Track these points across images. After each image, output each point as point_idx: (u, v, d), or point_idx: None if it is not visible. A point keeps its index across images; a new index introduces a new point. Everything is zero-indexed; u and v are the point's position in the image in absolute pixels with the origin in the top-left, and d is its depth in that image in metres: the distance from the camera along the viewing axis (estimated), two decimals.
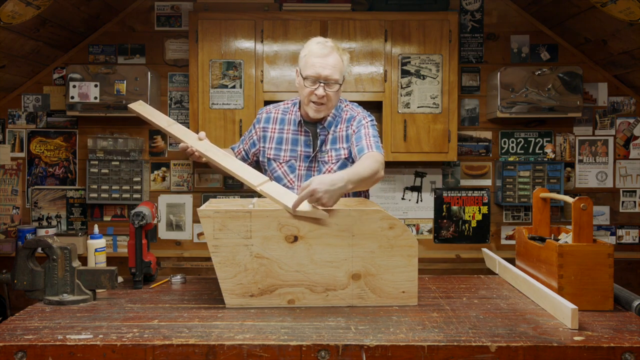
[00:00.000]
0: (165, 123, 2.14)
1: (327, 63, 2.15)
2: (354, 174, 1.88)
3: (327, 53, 2.16)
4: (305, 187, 1.76)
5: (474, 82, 4.06)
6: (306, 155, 2.27)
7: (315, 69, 2.15)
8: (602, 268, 1.73)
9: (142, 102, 2.22)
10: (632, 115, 4.05)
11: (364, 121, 2.24)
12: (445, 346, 1.44)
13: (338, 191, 1.78)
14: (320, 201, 1.75)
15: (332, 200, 1.77)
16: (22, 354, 1.44)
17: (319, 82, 2.15)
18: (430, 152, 3.77)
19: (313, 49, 2.18)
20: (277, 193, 1.85)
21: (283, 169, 2.29)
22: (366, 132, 2.20)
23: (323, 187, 1.75)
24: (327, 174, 1.82)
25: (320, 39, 2.21)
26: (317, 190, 1.74)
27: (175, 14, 4.05)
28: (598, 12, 3.27)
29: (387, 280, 1.79)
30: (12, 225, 4.04)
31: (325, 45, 2.17)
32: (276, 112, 2.35)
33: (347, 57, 2.24)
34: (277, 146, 2.30)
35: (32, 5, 3.05)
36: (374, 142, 2.16)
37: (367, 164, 2.01)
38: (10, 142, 4.07)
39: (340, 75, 2.19)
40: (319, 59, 2.15)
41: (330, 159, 2.26)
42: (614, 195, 4.08)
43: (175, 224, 4.09)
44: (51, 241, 1.82)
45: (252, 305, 1.78)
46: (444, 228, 4.09)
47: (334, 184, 1.77)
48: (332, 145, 2.26)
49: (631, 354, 1.43)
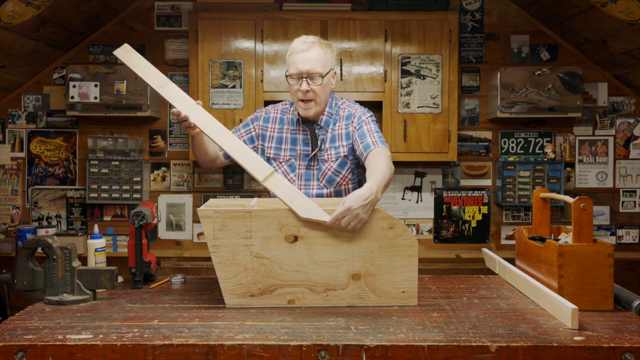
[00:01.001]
0: (157, 82, 1.95)
1: (308, 57, 2.15)
2: (380, 180, 1.85)
3: (306, 48, 2.16)
4: (341, 206, 1.74)
5: (474, 82, 4.06)
6: (305, 154, 2.26)
7: (297, 65, 2.16)
8: (602, 268, 1.73)
9: (129, 47, 2.01)
10: (632, 115, 4.05)
11: (364, 117, 2.23)
12: (445, 346, 1.44)
13: (371, 203, 1.76)
14: (358, 217, 1.73)
15: (368, 212, 1.76)
16: (22, 354, 1.44)
17: (302, 77, 2.16)
18: (430, 152, 3.77)
19: (294, 47, 2.19)
20: (285, 193, 1.80)
21: (283, 168, 2.29)
22: (369, 127, 2.18)
23: (358, 204, 1.72)
24: (356, 190, 1.77)
25: (302, 37, 2.22)
26: (352, 208, 1.72)
27: (175, 14, 4.05)
28: (598, 12, 3.27)
29: (387, 280, 1.79)
30: (12, 225, 4.04)
31: (306, 41, 2.18)
32: (275, 112, 2.34)
33: (331, 50, 2.22)
34: (277, 145, 2.29)
35: (32, 5, 3.05)
36: (378, 138, 2.14)
37: (383, 165, 1.96)
38: (10, 142, 4.07)
39: (323, 68, 2.17)
40: (300, 54, 2.16)
41: (330, 157, 2.25)
42: (614, 195, 4.08)
43: (175, 224, 4.09)
44: (51, 241, 1.82)
45: (252, 306, 1.78)
46: (444, 228, 4.09)
47: (367, 198, 1.74)
48: (331, 144, 2.25)
49: (631, 354, 1.43)
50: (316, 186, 2.27)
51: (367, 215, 1.75)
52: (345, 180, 2.26)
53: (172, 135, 4.07)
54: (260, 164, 1.87)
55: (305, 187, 2.27)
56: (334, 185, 2.27)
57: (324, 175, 2.26)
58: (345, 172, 2.26)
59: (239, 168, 4.07)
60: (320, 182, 2.26)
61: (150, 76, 1.95)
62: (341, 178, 2.26)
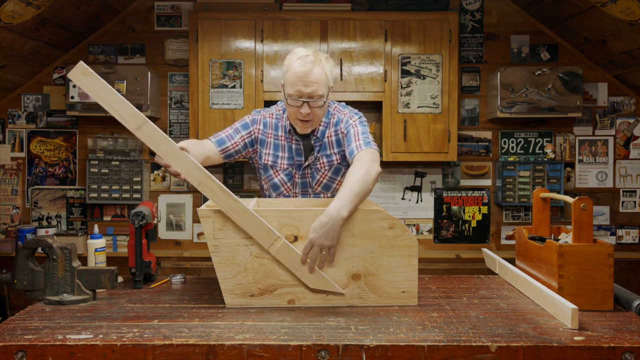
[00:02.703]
0: (133, 123, 1.65)
1: (310, 80, 2.07)
2: (345, 197, 1.78)
3: (308, 70, 2.06)
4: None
5: (474, 82, 4.06)
6: (299, 164, 2.24)
7: (297, 87, 2.08)
8: (602, 268, 1.73)
9: (86, 67, 1.64)
10: (632, 115, 4.05)
11: (351, 121, 2.18)
12: (446, 346, 1.44)
13: (332, 228, 1.73)
14: (323, 246, 1.73)
15: (332, 238, 1.73)
16: (22, 354, 1.44)
17: (303, 100, 2.09)
18: (430, 152, 3.77)
19: (294, 67, 2.09)
20: (290, 260, 1.76)
21: (280, 177, 2.26)
22: (355, 131, 2.13)
23: (318, 234, 1.72)
24: (317, 219, 1.74)
25: (302, 53, 2.11)
26: (313, 240, 1.72)
27: (175, 13, 4.05)
28: (598, 12, 3.27)
29: (387, 280, 1.79)
30: (12, 225, 4.04)
31: (306, 60, 2.08)
32: (270, 117, 2.28)
33: (330, 66, 2.14)
34: (274, 153, 2.25)
35: (32, 5, 3.05)
36: (362, 140, 2.09)
37: (356, 175, 1.88)
38: (10, 142, 4.07)
39: (325, 89, 2.11)
40: (301, 77, 2.07)
41: (323, 166, 2.23)
42: (614, 195, 4.08)
43: (175, 224, 4.09)
44: (51, 241, 1.82)
45: (252, 306, 1.78)
46: (444, 228, 4.09)
47: (325, 225, 1.72)
48: (323, 152, 2.22)
49: (631, 354, 1.43)
50: (312, 192, 2.27)
51: (332, 241, 1.73)
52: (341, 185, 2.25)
53: (172, 135, 4.07)
54: (266, 231, 1.74)
55: (302, 195, 2.26)
56: (331, 190, 2.27)
57: (319, 183, 2.25)
58: (340, 178, 2.25)
59: (238, 168, 4.07)
60: (315, 189, 2.26)
61: (121, 111, 1.64)
62: (337, 183, 2.26)
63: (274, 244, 1.74)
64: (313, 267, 1.75)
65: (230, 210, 1.72)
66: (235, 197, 1.73)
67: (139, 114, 1.66)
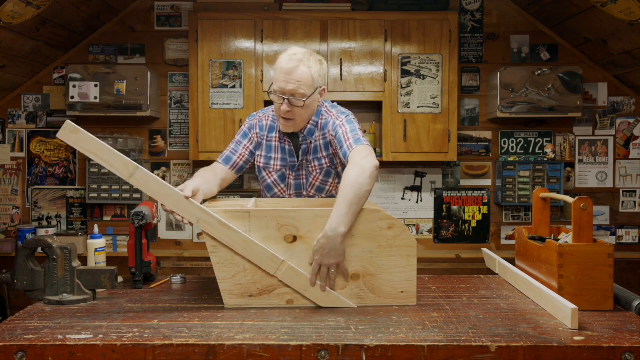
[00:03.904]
0: (126, 172, 1.69)
1: (292, 78, 2.06)
2: (341, 214, 1.74)
3: (292, 67, 2.05)
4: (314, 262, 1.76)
5: (474, 82, 4.06)
6: (292, 164, 2.23)
7: (279, 83, 2.08)
8: (602, 268, 1.73)
9: (73, 125, 1.67)
10: (632, 115, 4.05)
11: (337, 121, 2.14)
12: (446, 346, 1.44)
13: (334, 247, 1.73)
14: (330, 264, 1.74)
15: (336, 256, 1.74)
16: (22, 354, 1.44)
17: (284, 97, 2.08)
18: (430, 152, 3.77)
19: (281, 62, 2.09)
20: (297, 282, 1.77)
21: (273, 178, 2.25)
22: (343, 131, 2.09)
23: (320, 255, 1.74)
24: (317, 241, 1.75)
25: (291, 51, 2.12)
26: (319, 262, 1.75)
27: (175, 13, 4.05)
28: (598, 12, 3.27)
29: (386, 280, 1.79)
30: (12, 225, 4.04)
31: (293, 58, 2.07)
32: (266, 119, 2.27)
33: (318, 68, 2.11)
34: (267, 155, 2.24)
35: (32, 5, 3.05)
36: (352, 138, 2.04)
37: (346, 180, 1.82)
38: (10, 142, 4.07)
39: (308, 89, 2.07)
40: (284, 74, 2.07)
41: (314, 169, 2.22)
42: (614, 195, 4.08)
43: (175, 224, 4.09)
44: (51, 241, 1.82)
45: (251, 306, 1.78)
46: (444, 228, 4.09)
47: (325, 246, 1.74)
48: (314, 155, 2.21)
49: (631, 354, 1.43)
50: (306, 194, 2.26)
51: (337, 259, 1.75)
52: (334, 186, 2.24)
53: (172, 135, 4.07)
54: (270, 257, 1.75)
55: (296, 197, 2.26)
56: (324, 192, 2.26)
57: (312, 186, 2.24)
58: (332, 180, 2.24)
59: None
60: (309, 191, 2.25)
61: (113, 163, 1.69)
62: (329, 185, 2.25)
63: (280, 268, 1.76)
64: (325, 287, 1.77)
65: (231, 241, 1.74)
66: (236, 228, 1.74)
67: (130, 162, 1.71)
